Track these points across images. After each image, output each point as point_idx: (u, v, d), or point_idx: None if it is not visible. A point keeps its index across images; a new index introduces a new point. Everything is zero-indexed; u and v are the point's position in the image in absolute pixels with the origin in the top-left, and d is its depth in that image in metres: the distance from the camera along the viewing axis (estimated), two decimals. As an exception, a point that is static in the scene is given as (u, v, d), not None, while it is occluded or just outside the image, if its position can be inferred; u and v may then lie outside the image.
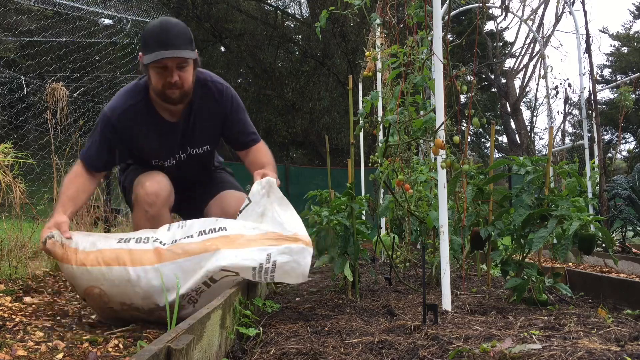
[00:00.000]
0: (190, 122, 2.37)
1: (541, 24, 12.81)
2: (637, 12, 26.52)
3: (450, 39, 2.75)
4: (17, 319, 2.02)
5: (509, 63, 18.30)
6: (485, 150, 22.01)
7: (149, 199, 2.24)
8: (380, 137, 3.86)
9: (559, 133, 9.85)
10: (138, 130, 2.32)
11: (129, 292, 1.96)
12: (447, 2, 4.75)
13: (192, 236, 2.03)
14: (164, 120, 2.34)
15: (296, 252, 1.98)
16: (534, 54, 15.05)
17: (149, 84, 2.28)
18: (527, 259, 2.55)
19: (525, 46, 16.28)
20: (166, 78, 2.19)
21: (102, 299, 1.99)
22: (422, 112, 2.90)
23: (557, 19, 12.19)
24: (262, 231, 2.03)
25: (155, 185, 2.26)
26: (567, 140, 13.50)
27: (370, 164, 3.88)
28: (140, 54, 2.28)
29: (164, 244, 2.01)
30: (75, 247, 2.00)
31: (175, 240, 2.03)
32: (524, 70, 16.26)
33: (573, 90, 6.86)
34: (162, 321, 1.86)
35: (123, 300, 1.99)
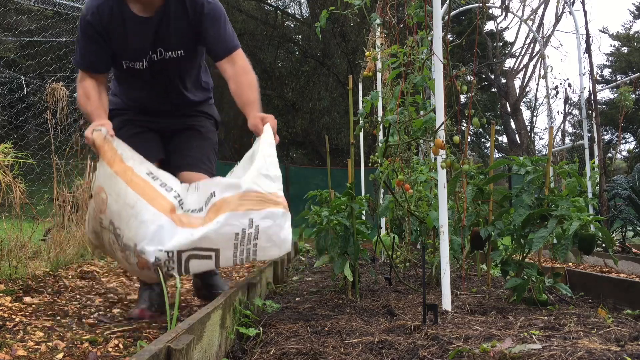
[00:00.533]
0: (165, 20, 2.22)
1: (541, 24, 12.81)
2: (637, 12, 26.52)
3: (450, 39, 2.76)
4: (17, 319, 2.02)
5: (509, 63, 18.30)
6: (485, 150, 22.01)
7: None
8: (380, 137, 3.86)
9: (559, 133, 9.85)
10: (111, 26, 2.20)
11: (124, 217, 1.90)
12: (447, 2, 4.75)
13: (201, 210, 1.93)
14: (137, 16, 2.20)
15: (278, 216, 1.87)
16: (534, 54, 15.06)
17: None
18: (527, 259, 2.55)
19: (525, 46, 16.30)
20: None
21: (101, 207, 1.98)
22: (422, 112, 2.90)
23: (557, 19, 12.20)
24: (242, 189, 1.87)
25: None
26: (567, 140, 13.51)
27: (370, 164, 3.88)
28: None
29: (179, 206, 1.96)
30: (115, 147, 2.04)
31: (189, 210, 1.95)
32: (524, 70, 16.27)
33: (573, 90, 6.86)
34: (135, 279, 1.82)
35: (113, 220, 1.95)
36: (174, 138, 2.51)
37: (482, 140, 24.04)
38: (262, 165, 1.92)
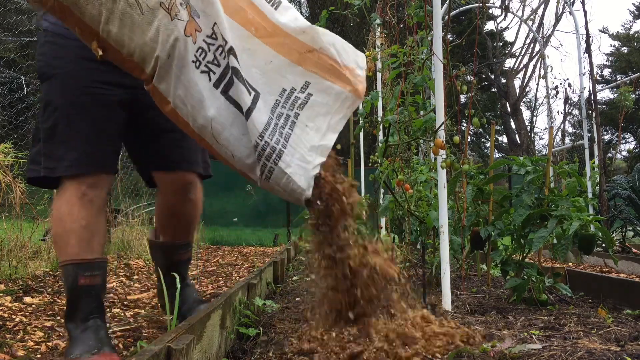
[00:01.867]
0: None
1: (541, 24, 12.82)
2: (637, 12, 26.52)
3: (450, 39, 2.75)
4: (17, 319, 2.02)
5: (509, 63, 18.30)
6: (485, 150, 22.00)
7: None
8: (380, 137, 3.86)
9: (559, 133, 9.86)
10: None
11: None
12: (447, 2, 4.75)
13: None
14: None
15: (340, 98, 1.46)
16: (534, 54, 15.06)
17: None
18: (527, 259, 2.55)
19: (525, 46, 16.30)
20: None
21: None
22: (422, 112, 2.89)
23: (557, 19, 12.21)
24: (317, 46, 1.45)
25: None
26: (567, 140, 13.51)
27: (370, 164, 3.88)
28: None
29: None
30: None
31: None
32: (524, 70, 16.28)
33: (573, 90, 6.87)
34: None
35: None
36: (152, 119, 1.81)
37: (482, 140, 24.04)
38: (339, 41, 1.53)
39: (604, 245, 4.65)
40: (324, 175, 1.42)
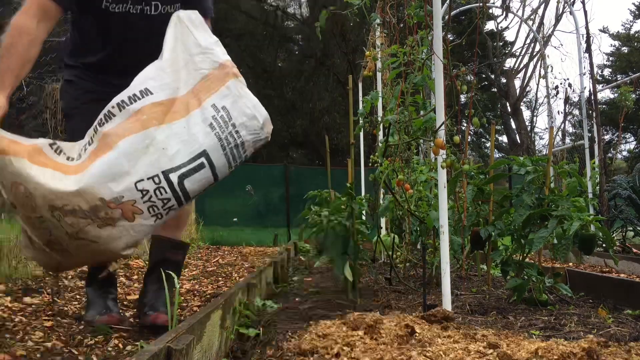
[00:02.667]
0: None
1: (541, 23, 12.81)
2: (637, 12, 26.51)
3: (451, 38, 2.75)
4: (17, 319, 2.02)
5: (509, 63, 18.29)
6: (486, 150, 21.99)
7: None
8: (380, 137, 3.85)
9: (559, 133, 9.86)
10: None
11: (58, 187, 1.49)
12: (447, 2, 4.75)
13: (112, 117, 1.58)
14: None
15: (234, 86, 1.70)
16: (534, 53, 15.06)
17: None
18: (527, 259, 2.55)
19: (526, 46, 16.30)
20: None
21: (29, 202, 1.53)
22: (422, 112, 2.89)
23: (557, 18, 12.21)
24: (199, 73, 1.64)
25: None
26: (568, 140, 13.50)
27: (370, 164, 3.87)
28: None
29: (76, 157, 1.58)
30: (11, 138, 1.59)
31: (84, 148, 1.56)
32: (524, 70, 16.27)
33: (573, 90, 6.87)
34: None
35: (53, 201, 1.50)
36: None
37: (482, 140, 24.03)
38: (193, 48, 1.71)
39: (604, 245, 4.65)
40: None
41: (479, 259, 3.56)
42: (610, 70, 26.29)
